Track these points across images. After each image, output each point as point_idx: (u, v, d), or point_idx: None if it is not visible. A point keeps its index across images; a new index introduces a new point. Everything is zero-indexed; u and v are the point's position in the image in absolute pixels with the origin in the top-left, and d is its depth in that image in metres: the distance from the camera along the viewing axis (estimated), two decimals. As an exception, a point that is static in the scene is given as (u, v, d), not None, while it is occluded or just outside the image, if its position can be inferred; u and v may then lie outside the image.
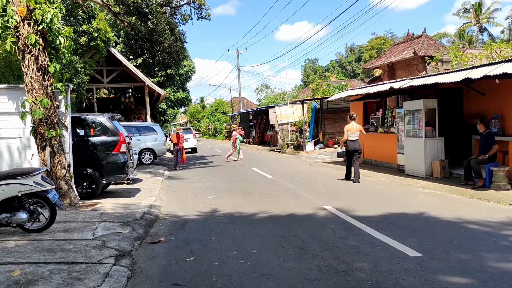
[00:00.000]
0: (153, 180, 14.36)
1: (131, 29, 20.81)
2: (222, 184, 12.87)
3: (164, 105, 45.83)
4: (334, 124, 28.14)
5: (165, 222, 7.65)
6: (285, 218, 7.49)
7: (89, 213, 7.85)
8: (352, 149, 12.19)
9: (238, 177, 14.54)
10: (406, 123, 12.95)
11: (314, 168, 16.53)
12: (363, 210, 7.88)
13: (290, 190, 10.79)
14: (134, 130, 20.60)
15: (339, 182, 12.10)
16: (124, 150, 10.13)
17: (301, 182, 12.26)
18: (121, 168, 10.02)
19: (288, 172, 15.17)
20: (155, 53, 22.13)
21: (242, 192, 10.94)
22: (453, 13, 67.74)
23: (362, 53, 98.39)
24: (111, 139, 10.04)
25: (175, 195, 11.11)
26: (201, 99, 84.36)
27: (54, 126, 8.32)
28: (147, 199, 9.99)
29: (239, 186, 12.06)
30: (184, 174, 16.58)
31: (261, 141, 36.13)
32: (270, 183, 12.54)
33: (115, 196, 10.50)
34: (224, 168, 17.80)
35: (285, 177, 13.64)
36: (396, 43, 25.26)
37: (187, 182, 13.78)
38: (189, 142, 30.41)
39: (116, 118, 10.97)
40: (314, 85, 31.54)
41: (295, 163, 19.08)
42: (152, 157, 20.41)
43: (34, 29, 8.00)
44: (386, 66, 24.86)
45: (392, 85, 12.49)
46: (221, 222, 7.43)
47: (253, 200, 9.55)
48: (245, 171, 16.28)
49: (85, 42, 23.10)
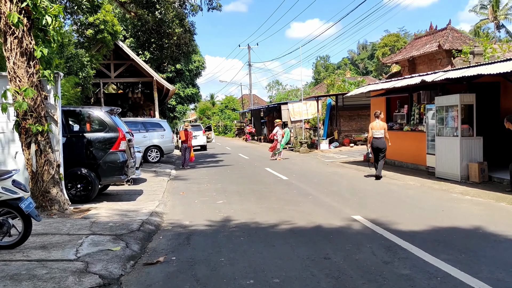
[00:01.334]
0: (158, 180, 13.22)
1: (137, 19, 19.68)
2: (233, 186, 11.68)
3: (174, 101, 44.75)
4: (350, 121, 26.82)
5: (167, 234, 6.46)
6: (310, 232, 6.26)
7: (78, 222, 6.69)
8: (376, 146, 11.93)
9: (250, 178, 13.34)
10: (437, 121, 11.64)
11: (332, 168, 15.27)
12: (402, 222, 6.62)
13: (310, 195, 9.56)
14: (140, 127, 19.52)
15: (364, 185, 10.84)
16: (124, 148, 8.98)
17: (321, 185, 11.02)
18: (120, 168, 8.87)
19: (305, 173, 13.93)
20: (163, 45, 20.99)
21: (256, 196, 9.73)
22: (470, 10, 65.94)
23: (375, 50, 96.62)
24: (109, 135, 8.88)
25: (181, 198, 9.94)
26: (211, 96, 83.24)
27: (41, 120, 7.18)
28: (149, 203, 8.83)
29: (251, 189, 10.85)
30: (192, 173, 15.42)
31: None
32: (286, 185, 11.32)
33: (113, 199, 9.36)
34: (234, 168, 16.61)
35: (302, 179, 12.41)
36: (418, 37, 23.85)
37: (195, 183, 12.61)
38: (198, 140, 29.27)
39: (116, 112, 9.82)
40: (329, 81, 30.20)
41: (311, 163, 17.83)
42: (159, 154, 19.30)
43: (17, 7, 6.87)
44: (406, 61, 23.48)
45: (424, 78, 11.18)
46: (233, 235, 6.23)
47: (269, 207, 8.33)
48: (258, 171, 15.07)
49: (92, 34, 22.11)
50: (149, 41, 21.07)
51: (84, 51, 21.91)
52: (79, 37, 24.00)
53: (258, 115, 38.07)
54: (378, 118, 11.97)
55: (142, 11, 18.67)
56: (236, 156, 22.63)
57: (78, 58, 21.20)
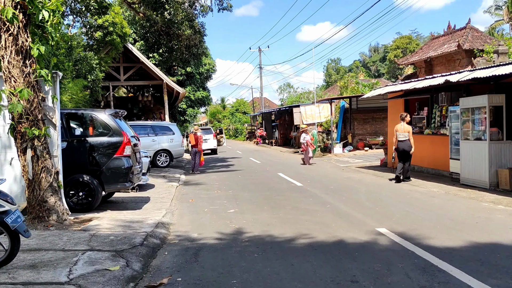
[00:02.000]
0: (167, 186, 12.66)
1: (146, 20, 19.21)
2: (245, 192, 11.06)
3: (184, 105, 44.34)
4: (365, 125, 26.06)
5: (173, 249, 5.86)
6: (331, 248, 5.61)
7: (76, 234, 6.12)
8: (402, 149, 11.70)
9: (262, 184, 12.72)
10: (462, 124, 10.91)
11: (348, 174, 14.58)
12: (434, 236, 5.94)
13: (327, 204, 8.89)
14: (149, 130, 19.04)
15: (384, 192, 10.15)
16: (129, 153, 8.41)
17: (338, 193, 10.35)
18: (124, 175, 8.30)
19: (320, 179, 13.26)
20: (173, 47, 20.49)
21: (270, 204, 9.10)
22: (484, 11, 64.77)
23: (387, 53, 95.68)
24: (113, 140, 8.32)
25: (190, 206, 9.35)
26: (222, 99, 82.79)
27: (38, 123, 6.63)
28: (155, 212, 8.24)
29: (264, 196, 10.22)
30: (202, 179, 14.84)
31: (284, 143, 34.25)
32: (301, 192, 10.66)
33: (118, 208, 8.79)
34: (246, 173, 16.00)
35: (318, 186, 11.75)
36: (435, 37, 23.07)
37: (205, 189, 12.02)
38: (209, 143, 28.74)
39: (121, 115, 9.26)
40: (342, 83, 29.48)
41: (325, 167, 17.15)
42: (168, 159, 18.77)
43: (12, 1, 6.34)
44: (423, 62, 22.70)
45: (448, 78, 10.47)
46: (246, 251, 5.60)
47: (284, 217, 7.69)
48: (270, 177, 14.44)
49: (100, 37, 21.74)
50: (158, 43, 20.57)
51: (93, 54, 21.55)
52: (88, 39, 23.69)
53: (269, 118, 37.45)
54: (404, 121, 11.78)
55: (151, 12, 18.20)
56: (247, 160, 22.03)
57: (87, 61, 20.83)
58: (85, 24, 22.28)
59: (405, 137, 11.64)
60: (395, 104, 15.61)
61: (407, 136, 11.64)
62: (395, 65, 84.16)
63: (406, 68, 29.95)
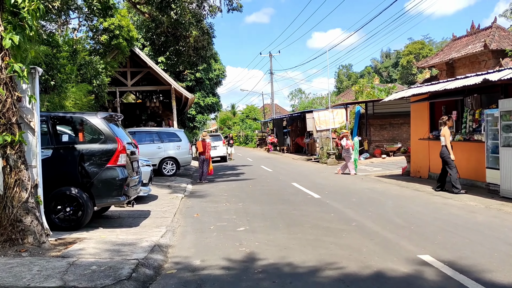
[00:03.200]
0: (171, 197, 11.56)
1: (151, 20, 18.24)
2: (256, 206, 9.91)
3: (193, 111, 43.40)
4: (381, 131, 24.78)
5: (169, 282, 4.72)
6: (368, 283, 4.44)
7: (52, 263, 5.01)
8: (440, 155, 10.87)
9: (275, 195, 11.56)
10: (503, 128, 9.65)
11: (369, 184, 13.35)
12: (496, 269, 4.73)
13: (352, 221, 7.70)
14: (155, 137, 18.00)
15: (414, 206, 8.92)
16: (124, 163, 7.33)
17: (362, 207, 9.14)
18: (118, 188, 7.21)
19: (339, 190, 12.07)
20: (180, 49, 19.50)
21: (285, 221, 7.93)
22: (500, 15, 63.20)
23: (399, 58, 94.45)
24: (105, 147, 7.25)
25: (194, 222, 8.22)
26: (232, 106, 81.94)
27: (12, 127, 5.57)
28: (153, 231, 7.13)
29: (278, 211, 9.05)
30: (210, 189, 13.73)
31: (296, 149, 33.05)
32: (319, 206, 9.48)
33: (112, 225, 7.70)
34: (257, 182, 14.85)
35: (337, 198, 10.56)
36: (456, 38, 21.79)
37: (212, 202, 10.90)
38: (218, 150, 27.68)
39: (117, 119, 8.21)
40: (357, 88, 28.26)
41: (342, 176, 15.92)
42: (175, 167, 17.69)
43: (-20, -18, 5.32)
44: (444, 64, 21.43)
45: (487, 76, 9.25)
46: (260, 287, 4.45)
47: (303, 238, 6.52)
48: (284, 187, 13.28)
49: (106, 40, 20.86)
50: (165, 45, 19.58)
51: (99, 58, 20.69)
52: (95, 44, 22.89)
53: (280, 124, 36.29)
54: (444, 126, 10.93)
55: (156, 12, 17.24)
56: (258, 169, 20.88)
57: (92, 65, 19.95)
58: (91, 28, 21.50)
59: (443, 142, 10.74)
60: (418, 108, 14.38)
61: (444, 141, 10.72)
62: (408, 71, 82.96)
63: (424, 72, 28.69)
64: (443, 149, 10.69)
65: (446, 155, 10.64)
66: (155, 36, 20.04)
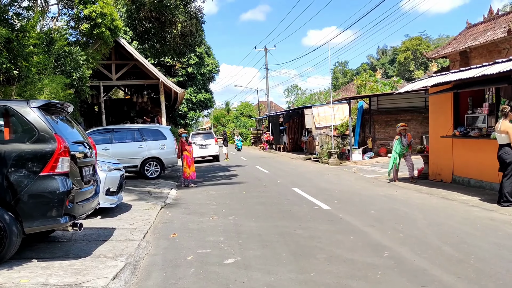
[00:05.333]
0: (147, 208, 9.48)
1: (132, 2, 16.13)
2: (251, 221, 7.85)
3: (185, 107, 41.26)
4: (387, 127, 22.74)
5: None
6: None
7: None
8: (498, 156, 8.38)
9: (274, 205, 9.50)
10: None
11: (383, 189, 11.34)
12: None
13: (383, 249, 5.64)
14: (136, 134, 15.85)
15: (456, 223, 6.89)
16: (66, 170, 5.23)
17: (387, 223, 7.10)
18: (57, 205, 5.12)
19: (350, 198, 10.03)
20: (166, 36, 17.39)
21: (290, 248, 5.85)
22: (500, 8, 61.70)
23: (396, 55, 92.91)
24: (39, 148, 5.15)
25: (168, 248, 6.15)
26: (226, 103, 79.73)
27: None
28: (106, 265, 5.06)
29: (280, 230, 6.98)
30: (197, 195, 11.67)
31: (294, 148, 31.03)
32: (331, 222, 7.42)
33: (53, 254, 5.61)
34: (252, 187, 12.78)
35: (351, 209, 8.52)
36: (472, 25, 19.79)
37: (197, 214, 8.83)
38: (210, 149, 25.55)
39: (64, 108, 6.10)
40: (360, 81, 26.24)
41: (349, 179, 13.90)
42: (159, 168, 15.60)
43: None
44: (457, 54, 19.43)
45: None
46: None
47: (321, 284, 4.44)
48: (283, 193, 11.23)
49: (87, 29, 18.68)
50: (149, 32, 17.45)
51: (80, 49, 18.53)
52: (77, 34, 20.75)
53: (277, 121, 34.21)
54: (505, 118, 8.28)
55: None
56: (253, 169, 18.81)
57: (71, 57, 17.77)
58: (73, 17, 19.40)
59: (503, 141, 8.26)
60: (439, 100, 12.36)
61: (505, 139, 8.20)
62: (405, 67, 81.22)
63: (431, 65, 26.72)
64: (505, 148, 8.25)
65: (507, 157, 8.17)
66: (138, 22, 17.88)
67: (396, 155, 12.78)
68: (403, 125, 12.97)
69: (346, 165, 19.16)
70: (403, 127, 12.89)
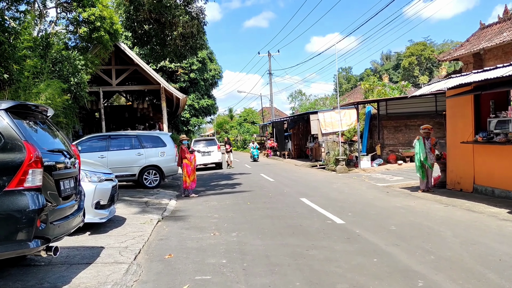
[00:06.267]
0: (143, 221, 8.62)
1: (129, 3, 15.37)
2: (257, 238, 6.97)
3: (187, 114, 40.45)
4: (396, 133, 21.86)
5: None
6: None
7: None
8: None
9: (282, 218, 8.61)
10: None
11: (399, 200, 10.44)
12: None
13: (415, 275, 4.72)
14: (135, 141, 15.00)
15: (490, 241, 5.99)
16: (37, 184, 4.39)
17: (412, 241, 6.20)
18: (25, 227, 4.27)
19: (364, 209, 9.13)
20: (165, 38, 16.62)
21: (304, 275, 4.95)
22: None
23: (400, 60, 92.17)
24: (3, 158, 4.32)
25: (161, 274, 5.27)
26: (229, 109, 78.92)
27: None
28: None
29: (290, 251, 6.08)
30: (197, 206, 10.81)
31: (299, 155, 30.14)
32: (349, 241, 6.52)
33: (24, 283, 4.76)
34: (256, 197, 11.91)
35: (369, 224, 7.62)
36: (486, 26, 18.93)
37: (197, 229, 7.96)
38: (212, 156, 24.70)
39: (40, 111, 5.28)
40: (368, 85, 25.37)
41: (360, 188, 13.01)
42: (159, 177, 14.76)
43: None
44: (471, 56, 18.57)
45: None
46: None
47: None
48: (291, 204, 10.34)
49: (86, 33, 17.97)
50: (148, 34, 16.69)
51: (78, 54, 17.82)
52: (76, 39, 20.09)
53: (281, 127, 33.31)
54: None
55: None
56: (257, 177, 17.93)
57: (69, 61, 17.04)
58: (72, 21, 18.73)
59: None
60: (458, 103, 11.49)
61: None
62: (409, 73, 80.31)
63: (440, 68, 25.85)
64: None
65: None
66: (136, 24, 17.12)
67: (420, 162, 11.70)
68: (427, 127, 12.02)
69: (355, 173, 18.27)
70: (426, 129, 11.95)
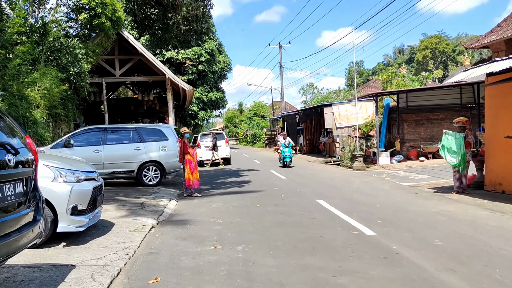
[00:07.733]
0: (134, 228, 7.27)
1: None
2: (267, 255, 5.54)
3: (195, 107, 39.07)
4: (417, 127, 20.30)
5: None
6: None
7: None
8: None
9: (297, 227, 7.19)
10: None
11: (433, 203, 8.96)
12: None
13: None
14: (134, 135, 13.62)
15: None
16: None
17: (471, 266, 4.75)
18: None
19: (395, 216, 7.67)
20: (168, 22, 15.25)
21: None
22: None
23: (414, 54, 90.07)
24: None
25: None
26: (239, 103, 77.51)
27: None
28: None
29: (311, 274, 4.67)
30: (199, 209, 9.43)
31: (311, 150, 28.67)
32: (386, 263, 5.08)
33: None
34: (267, 198, 10.50)
35: (405, 236, 6.17)
36: (519, 9, 17.23)
37: (195, 240, 6.58)
38: (221, 151, 23.30)
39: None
40: (386, 76, 23.78)
41: (383, 188, 11.54)
42: (159, 174, 13.41)
43: None
44: (503, 43, 16.91)
45: None
46: None
47: None
48: (307, 208, 8.92)
49: (86, 19, 16.72)
50: (149, 18, 15.32)
51: (79, 42, 16.56)
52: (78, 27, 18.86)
53: (292, 121, 31.78)
54: None
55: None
56: (267, 175, 16.52)
57: (68, 49, 15.80)
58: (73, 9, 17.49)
59: None
60: (502, 91, 9.95)
61: None
62: (423, 66, 78.13)
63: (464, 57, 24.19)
64: None
65: None
66: (137, 7, 15.76)
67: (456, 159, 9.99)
68: (461, 120, 10.36)
69: (374, 170, 16.80)
70: (460, 122, 10.32)
